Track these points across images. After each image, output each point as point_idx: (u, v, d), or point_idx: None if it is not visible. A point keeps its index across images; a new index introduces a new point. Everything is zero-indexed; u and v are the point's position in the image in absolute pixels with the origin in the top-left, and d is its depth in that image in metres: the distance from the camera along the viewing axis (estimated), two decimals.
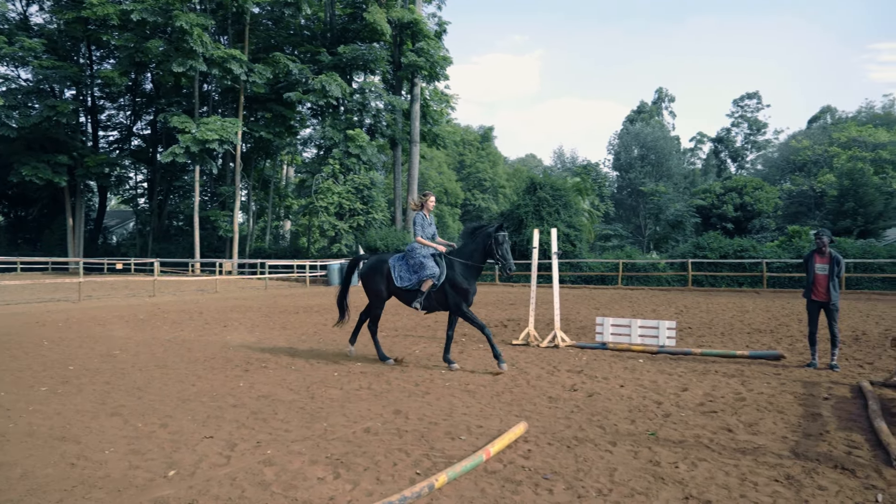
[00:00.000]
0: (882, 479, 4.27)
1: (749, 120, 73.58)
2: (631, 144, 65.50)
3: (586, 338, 10.79)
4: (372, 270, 8.64)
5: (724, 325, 12.76)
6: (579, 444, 4.98)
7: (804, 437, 5.20)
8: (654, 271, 27.09)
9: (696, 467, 4.48)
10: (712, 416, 5.83)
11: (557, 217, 29.18)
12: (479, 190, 65.80)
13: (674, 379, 7.53)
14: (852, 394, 6.82)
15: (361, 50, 37.97)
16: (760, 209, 42.56)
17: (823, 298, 8.32)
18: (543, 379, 7.53)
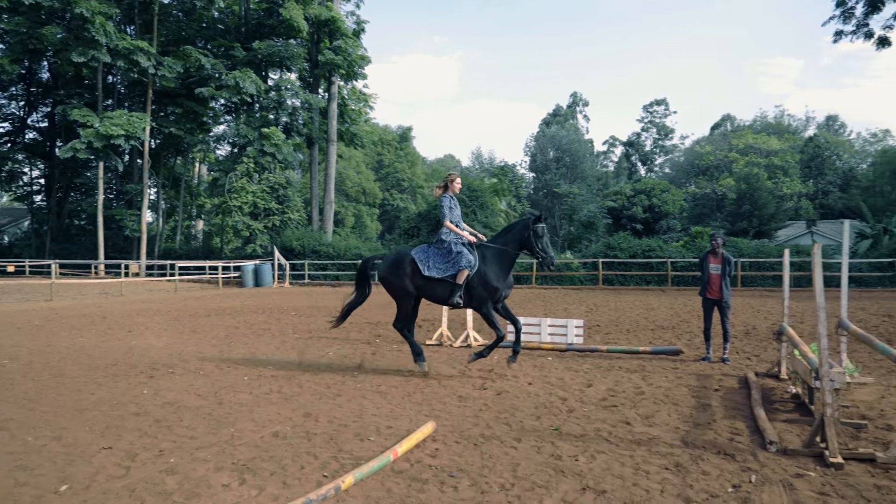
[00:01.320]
0: (757, 461, 4.63)
1: (658, 125, 77.10)
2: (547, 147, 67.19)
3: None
4: (394, 266, 7.84)
5: (630, 322, 13.36)
6: (486, 442, 5.12)
7: (694, 427, 5.56)
8: (568, 271, 27.95)
9: (594, 459, 4.71)
10: (613, 411, 6.13)
11: (474, 218, 29.62)
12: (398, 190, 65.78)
13: (580, 375, 7.84)
14: (739, 385, 7.33)
15: (277, 46, 37.18)
16: (667, 211, 44.68)
17: (717, 296, 8.88)
18: (455, 378, 7.68)
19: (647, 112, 77.64)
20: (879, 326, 12.27)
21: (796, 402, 6.43)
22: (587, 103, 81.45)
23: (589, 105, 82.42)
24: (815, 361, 5.09)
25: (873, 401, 6.46)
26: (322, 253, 33.07)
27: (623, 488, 4.15)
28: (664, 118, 77.18)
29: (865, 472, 4.39)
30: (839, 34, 34.41)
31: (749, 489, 4.12)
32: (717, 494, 4.04)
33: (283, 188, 35.73)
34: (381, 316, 14.93)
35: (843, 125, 76.62)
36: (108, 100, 40.32)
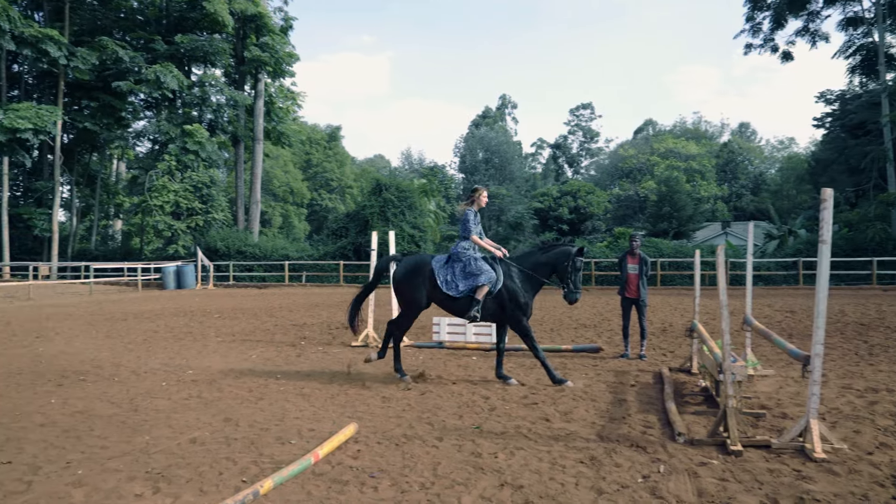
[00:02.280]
0: (666, 452, 4.87)
1: (584, 129, 79.20)
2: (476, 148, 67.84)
3: (425, 337, 11.11)
4: (412, 273, 7.46)
5: (554, 321, 13.70)
6: (408, 442, 5.17)
7: (609, 422, 5.78)
8: None
9: (513, 456, 4.83)
10: (533, 408, 6.29)
11: (403, 218, 29.63)
12: (327, 190, 64.99)
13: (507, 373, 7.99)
14: (654, 380, 7.66)
15: (201, 41, 36.03)
16: (592, 212, 45.97)
17: (634, 295, 9.24)
18: (378, 379, 7.69)
19: (573, 115, 79.66)
20: (783, 322, 13.05)
21: (705, 395, 6.77)
22: (516, 105, 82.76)
23: (518, 107, 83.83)
24: (720, 356, 5.38)
25: (773, 391, 6.88)
26: (248, 254, 32.32)
27: (540, 483, 4.28)
28: (590, 122, 79.39)
29: (761, 458, 4.69)
30: (749, 47, 36.54)
31: (657, 479, 4.32)
32: (628, 485, 4.23)
33: (207, 187, 34.66)
34: (307, 318, 14.75)
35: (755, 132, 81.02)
36: (13, 90, 38.03)
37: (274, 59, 37.45)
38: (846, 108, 38.78)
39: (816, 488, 4.11)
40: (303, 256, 32.32)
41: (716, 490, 4.10)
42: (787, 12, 34.22)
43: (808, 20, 34.59)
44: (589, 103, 78.79)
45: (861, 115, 34.94)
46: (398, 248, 28.40)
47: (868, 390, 6.83)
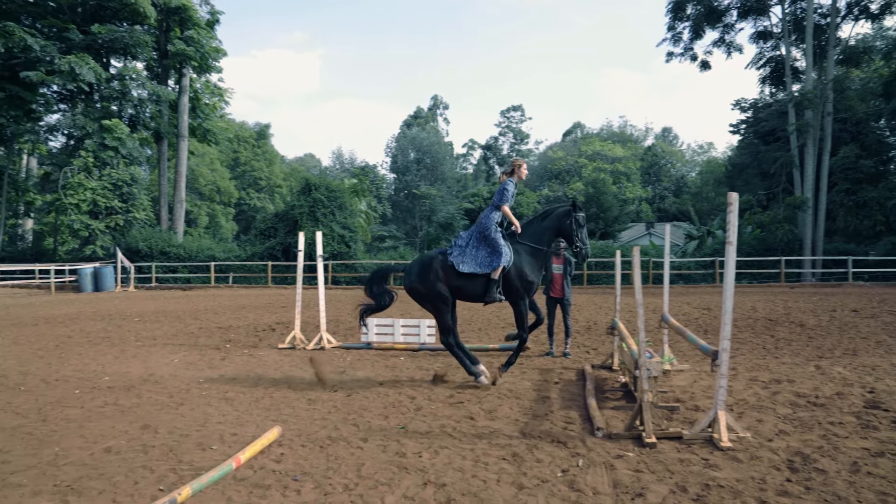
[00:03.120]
0: (585, 446, 5.03)
1: (514, 130, 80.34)
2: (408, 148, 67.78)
3: (353, 338, 11.06)
4: (423, 272, 7.23)
5: (482, 320, 13.88)
6: (332, 444, 5.15)
7: (532, 419, 5.92)
8: None
9: (437, 455, 4.89)
10: (458, 407, 6.37)
11: (333, 218, 29.30)
12: (255, 189, 63.52)
13: (430, 374, 8.05)
14: (577, 377, 7.88)
15: (121, 31, 34.45)
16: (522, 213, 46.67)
17: (559, 295, 9.48)
18: (305, 381, 7.60)
19: (504, 117, 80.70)
20: (699, 318, 13.65)
21: (625, 391, 7.02)
22: (447, 106, 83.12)
23: (449, 108, 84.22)
24: (636, 352, 5.61)
25: (687, 385, 7.21)
26: (172, 254, 31.23)
27: (462, 480, 4.35)
28: (520, 124, 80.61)
29: (674, 449, 4.92)
30: (670, 55, 37.92)
31: (576, 472, 4.47)
32: (548, 479, 4.35)
33: (127, 185, 33.21)
34: (234, 320, 14.40)
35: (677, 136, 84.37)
36: None
37: (199, 54, 36.28)
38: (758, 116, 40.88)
39: (721, 475, 4.35)
40: (230, 257, 31.48)
41: (630, 481, 4.28)
42: (705, 23, 35.74)
43: (723, 32, 36.23)
44: (519, 105, 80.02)
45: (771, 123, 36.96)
46: (329, 248, 28.09)
47: (772, 381, 7.25)
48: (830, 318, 13.20)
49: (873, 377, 7.40)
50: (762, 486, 4.15)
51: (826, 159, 31.66)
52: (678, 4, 35.85)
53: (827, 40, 32.60)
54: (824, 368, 7.98)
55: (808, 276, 28.80)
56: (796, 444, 5.00)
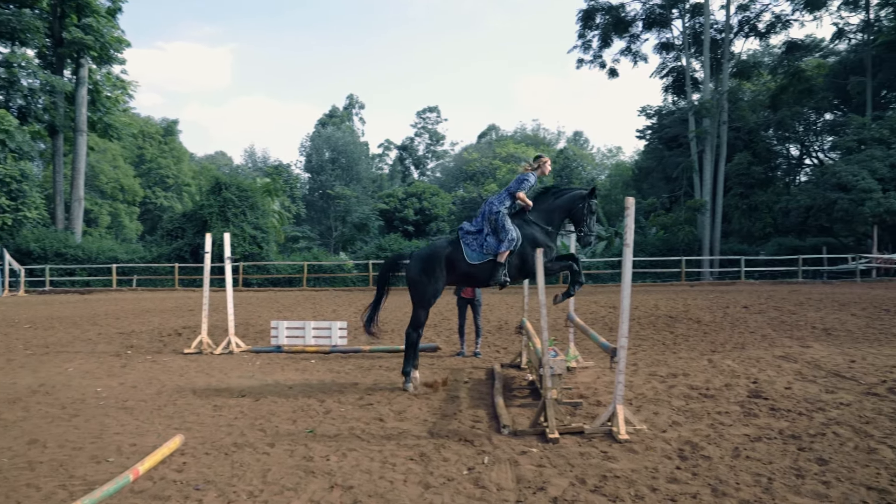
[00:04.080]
0: (491, 444, 5.16)
1: (430, 131, 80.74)
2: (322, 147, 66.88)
3: (264, 342, 10.83)
4: (428, 266, 7.00)
5: (395, 322, 13.90)
6: (238, 450, 5.04)
7: (441, 418, 6.00)
8: (341, 272, 28.17)
9: (345, 457, 4.88)
10: (368, 409, 6.38)
11: (244, 218, 28.53)
12: (162, 188, 60.85)
13: (341, 376, 8.02)
14: (487, 376, 8.05)
15: (6, 14, 32.12)
16: (437, 213, 47.08)
17: (470, 295, 9.63)
18: (212, 387, 7.39)
19: (420, 118, 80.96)
20: (606, 317, 14.21)
21: (532, 388, 7.23)
22: (363, 106, 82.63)
23: (365, 108, 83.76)
24: (541, 351, 5.79)
25: (591, 381, 7.51)
26: (69, 256, 29.47)
27: (370, 482, 4.37)
28: (436, 125, 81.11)
29: (575, 443, 5.13)
30: (581, 62, 39.24)
31: (481, 469, 4.58)
32: (454, 478, 4.44)
33: (17, 182, 31.04)
34: (136, 325, 13.77)
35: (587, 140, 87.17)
36: None
37: (99, 44, 34.36)
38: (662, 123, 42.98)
39: (618, 466, 4.58)
40: (134, 259, 30.04)
41: (533, 476, 4.43)
42: (613, 33, 37.23)
43: (630, 42, 37.85)
44: (435, 107, 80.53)
45: (674, 130, 38.97)
46: (240, 249, 27.33)
47: (669, 376, 7.67)
48: (724, 315, 14.04)
49: (757, 369, 7.95)
50: (654, 475, 4.39)
51: (722, 165, 33.68)
52: (588, 13, 37.16)
53: (722, 54, 34.70)
54: (716, 362, 8.50)
55: (707, 274, 30.51)
56: (687, 433, 5.32)
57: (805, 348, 9.55)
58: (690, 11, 35.77)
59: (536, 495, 4.11)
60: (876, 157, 27.18)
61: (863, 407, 6.07)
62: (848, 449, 4.88)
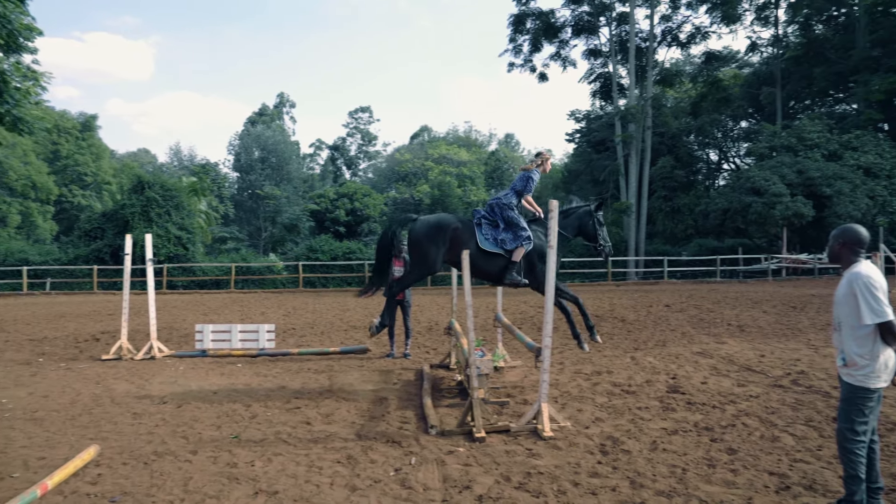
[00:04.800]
0: (419, 445, 5.19)
1: (362, 131, 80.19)
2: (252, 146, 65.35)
3: (188, 346, 10.50)
4: (434, 230, 6.66)
5: (325, 324, 13.75)
6: (158, 459, 4.88)
7: (369, 420, 5.99)
8: (270, 274, 27.61)
9: (271, 462, 4.80)
10: (296, 412, 6.29)
11: (169, 218, 27.56)
12: (80, 186, 57.99)
13: (268, 380, 7.87)
14: (416, 377, 8.07)
15: None
16: (369, 214, 46.72)
17: (399, 297, 9.62)
18: (132, 394, 7.11)
19: (352, 118, 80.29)
20: (534, 317, 14.48)
21: (460, 389, 7.30)
22: (294, 105, 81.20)
23: (296, 107, 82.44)
24: (467, 351, 5.86)
25: (518, 380, 7.65)
26: None
27: (295, 486, 4.32)
28: (368, 125, 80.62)
29: (502, 442, 5.22)
30: (512, 65, 39.87)
31: (408, 470, 4.60)
32: (381, 479, 4.44)
33: None
34: (50, 331, 13.09)
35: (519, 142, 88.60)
36: None
37: (6, 31, 32.35)
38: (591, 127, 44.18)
39: (542, 463, 4.69)
40: (48, 261, 28.51)
41: (459, 475, 4.48)
42: (543, 38, 38.01)
43: (559, 47, 38.74)
44: (368, 107, 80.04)
45: (601, 134, 40.14)
46: (164, 251, 26.38)
47: (594, 373, 7.90)
48: (647, 313, 14.57)
49: (676, 365, 8.30)
50: (577, 470, 4.53)
51: (647, 168, 34.93)
52: (519, 18, 37.79)
53: (647, 62, 35.99)
54: (638, 359, 8.82)
55: (632, 274, 31.54)
56: (609, 429, 5.50)
57: (720, 344, 10.03)
58: (617, 20, 36.93)
59: (462, 494, 4.16)
60: (785, 163, 28.79)
61: (769, 398, 6.43)
62: (755, 438, 5.17)
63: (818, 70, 36.30)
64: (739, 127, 44.80)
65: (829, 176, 27.58)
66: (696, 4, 35.93)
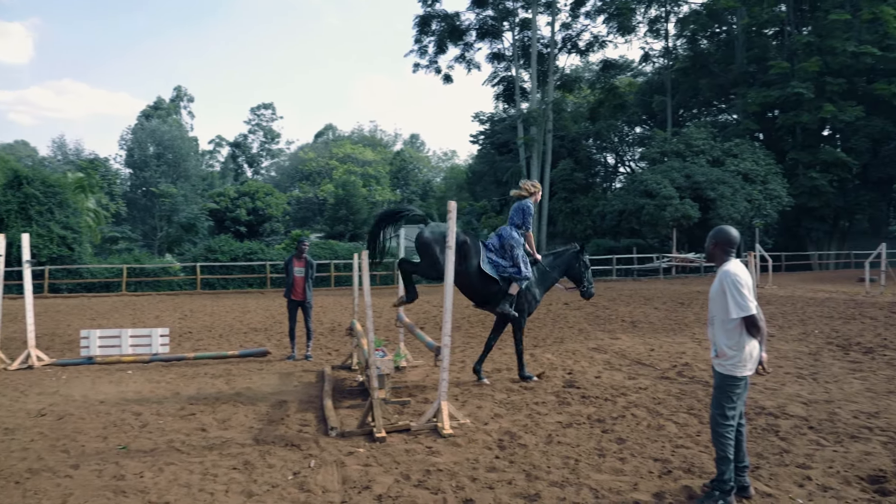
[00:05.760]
0: (318, 447, 5.13)
1: (265, 129, 78.07)
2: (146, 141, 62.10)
3: (73, 353, 9.85)
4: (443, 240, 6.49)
5: (224, 326, 13.30)
6: (34, 476, 4.55)
7: (268, 424, 5.85)
8: (165, 275, 26.37)
9: (162, 472, 4.59)
10: (190, 419, 6.05)
11: (51, 217, 25.68)
12: None
13: (161, 387, 7.52)
14: (317, 379, 7.96)
15: None
16: (271, 214, 45.61)
17: (300, 298, 9.47)
18: (4, 408, 6.60)
19: (254, 114, 78.03)
20: (437, 316, 14.61)
21: (362, 389, 7.27)
22: (192, 99, 77.79)
23: (194, 101, 78.99)
24: (367, 352, 5.85)
25: (420, 380, 7.71)
26: None
27: (188, 496, 4.16)
28: (271, 122, 78.63)
29: (402, 441, 5.25)
30: (417, 66, 40.07)
31: (307, 474, 4.54)
32: (278, 484, 4.36)
33: None
34: None
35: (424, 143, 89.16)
36: None
37: None
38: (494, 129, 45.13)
39: (441, 460, 4.76)
40: None
41: (359, 476, 4.47)
42: (448, 40, 38.45)
43: (464, 50, 39.33)
44: (270, 103, 78.06)
45: (505, 136, 41.09)
46: (46, 251, 24.61)
47: (494, 371, 8.09)
48: (547, 311, 15.04)
49: (573, 360, 8.64)
50: (475, 466, 4.62)
51: (548, 170, 36.06)
52: (424, 20, 38.02)
53: (548, 67, 37.15)
54: (537, 356, 9.11)
55: None
56: (507, 424, 5.65)
57: (614, 339, 10.52)
58: (520, 25, 37.89)
59: (361, 494, 4.15)
60: (674, 168, 30.56)
61: (657, 390, 6.82)
62: (642, 427, 5.47)
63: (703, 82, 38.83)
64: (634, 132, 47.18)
65: (713, 180, 29.51)
66: (595, 14, 37.51)
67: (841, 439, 5.07)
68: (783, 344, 9.76)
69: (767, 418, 5.66)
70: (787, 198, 31.51)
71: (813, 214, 34.50)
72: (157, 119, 66.41)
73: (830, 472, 4.38)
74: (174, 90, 76.90)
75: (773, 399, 6.27)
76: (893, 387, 6.79)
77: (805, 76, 32.00)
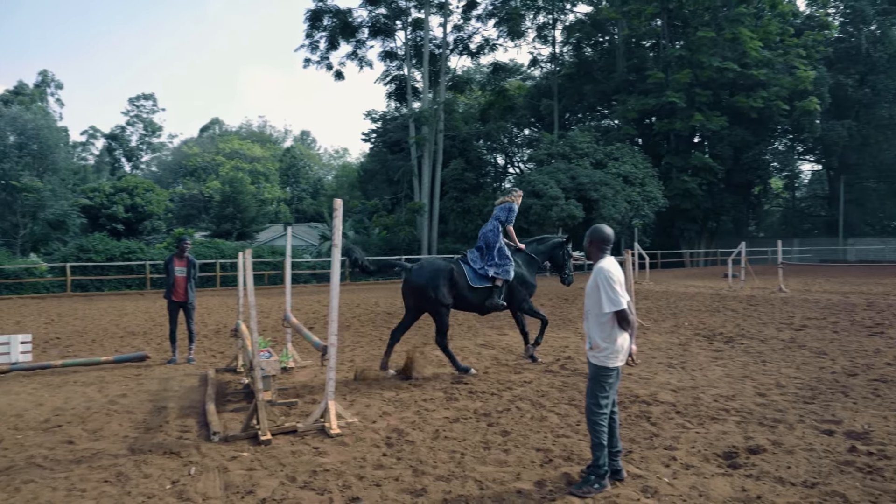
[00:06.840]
0: (200, 453, 4.94)
1: (145, 121, 73.62)
2: (5, 129, 56.90)
3: None
4: (434, 277, 7.62)
5: (98, 331, 12.46)
6: None
7: (144, 433, 5.55)
8: (30, 277, 24.30)
9: (18, 492, 4.24)
10: (55, 431, 5.63)
11: None
12: None
13: (21, 398, 6.93)
14: (200, 383, 7.64)
15: None
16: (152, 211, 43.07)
17: (182, 299, 9.05)
18: None
19: (133, 105, 73.34)
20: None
21: (247, 392, 7.04)
22: (61, 86, 71.94)
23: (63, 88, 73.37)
24: (252, 353, 5.69)
25: (308, 381, 7.59)
26: None
27: None
28: (152, 114, 74.22)
29: (288, 442, 5.15)
30: (308, 61, 39.29)
31: (186, 481, 4.35)
32: (155, 494, 4.15)
33: None
34: None
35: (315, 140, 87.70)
36: None
37: None
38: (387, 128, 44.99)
39: (328, 460, 4.71)
40: None
41: (242, 480, 4.34)
42: (340, 36, 37.91)
43: (357, 46, 38.90)
44: (151, 94, 73.56)
45: (397, 135, 41.08)
46: None
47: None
48: None
49: (462, 357, 8.79)
50: (362, 464, 4.62)
51: (439, 170, 36.44)
52: (316, 14, 37.31)
53: (440, 68, 37.54)
54: (427, 353, 9.19)
55: None
56: (395, 422, 5.68)
57: (502, 336, 10.83)
58: (412, 25, 38.02)
59: (245, 499, 4.04)
60: (560, 169, 31.81)
61: (541, 383, 7.09)
62: (526, 419, 5.67)
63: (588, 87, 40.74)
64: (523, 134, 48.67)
65: (597, 182, 30.99)
66: (486, 18, 38.31)
67: (703, 421, 5.49)
68: (657, 336, 10.44)
69: (640, 406, 6.03)
70: (663, 199, 33.65)
71: (685, 215, 37.15)
72: (20, 105, 61.00)
73: (693, 451, 4.75)
74: (39, 74, 70.82)
75: (646, 388, 6.68)
76: (748, 372, 7.45)
77: (678, 87, 34.38)
